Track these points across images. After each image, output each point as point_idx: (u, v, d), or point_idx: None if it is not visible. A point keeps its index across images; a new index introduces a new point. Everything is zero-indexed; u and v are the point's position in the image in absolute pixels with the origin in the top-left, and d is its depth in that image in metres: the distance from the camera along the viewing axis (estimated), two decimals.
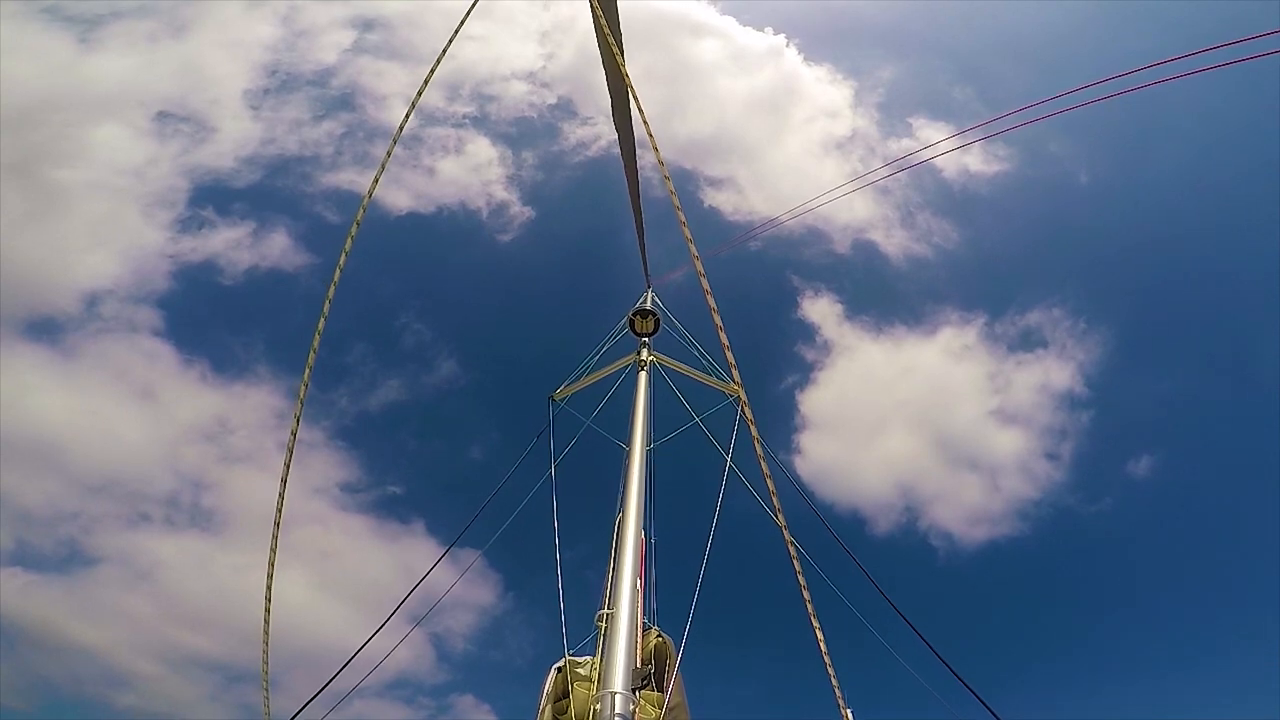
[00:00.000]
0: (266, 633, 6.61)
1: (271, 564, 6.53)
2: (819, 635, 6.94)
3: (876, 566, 6.98)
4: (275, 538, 6.46)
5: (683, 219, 5.13)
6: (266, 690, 6.52)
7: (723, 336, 4.99)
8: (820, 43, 36.00)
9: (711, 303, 4.69)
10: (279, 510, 6.41)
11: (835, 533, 7.26)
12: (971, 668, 5.59)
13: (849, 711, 7.29)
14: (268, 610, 6.62)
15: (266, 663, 6.59)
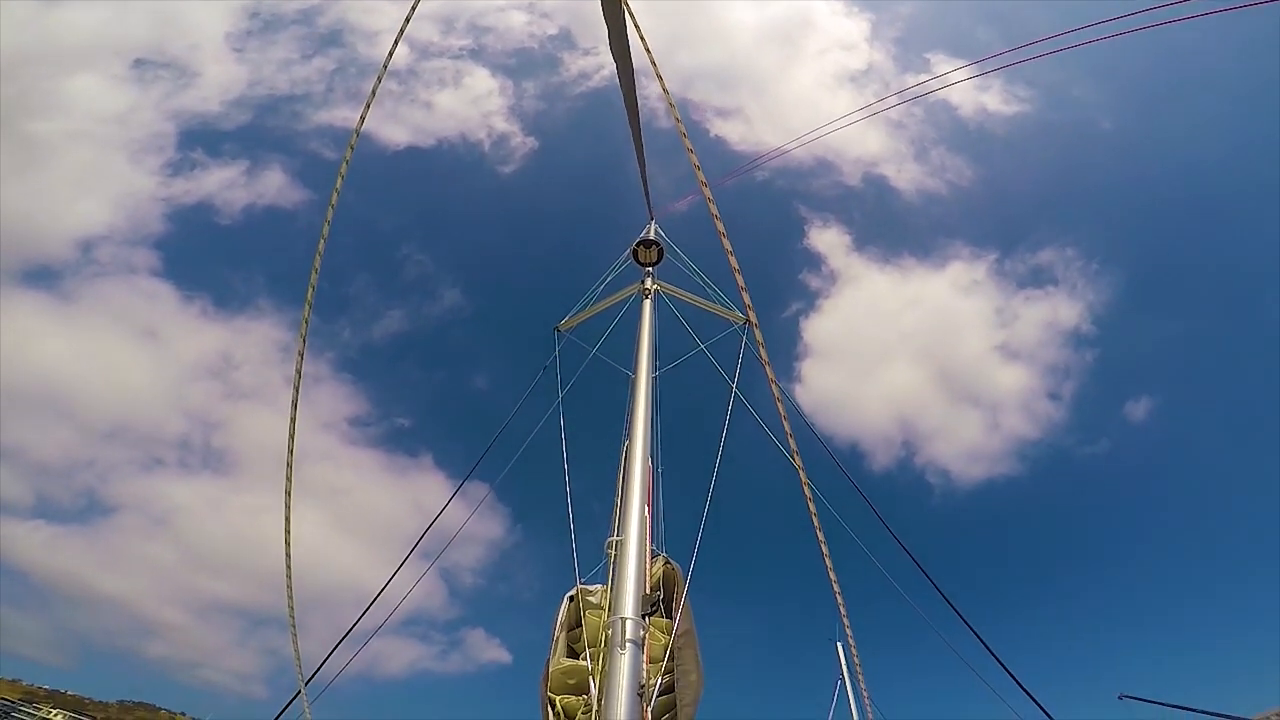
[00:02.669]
0: (290, 599, 6.68)
1: (288, 518, 6.54)
2: (829, 567, 6.99)
3: (873, 500, 7.00)
4: (288, 496, 6.44)
5: (684, 135, 4.89)
6: (296, 646, 6.63)
7: (731, 259, 4.81)
8: None
9: (715, 212, 4.50)
10: (288, 477, 6.37)
11: (851, 477, 7.23)
12: (963, 603, 5.70)
13: (845, 639, 7.43)
14: (289, 574, 6.66)
15: (293, 617, 6.69)
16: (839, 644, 21.54)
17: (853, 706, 18.93)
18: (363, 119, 6.46)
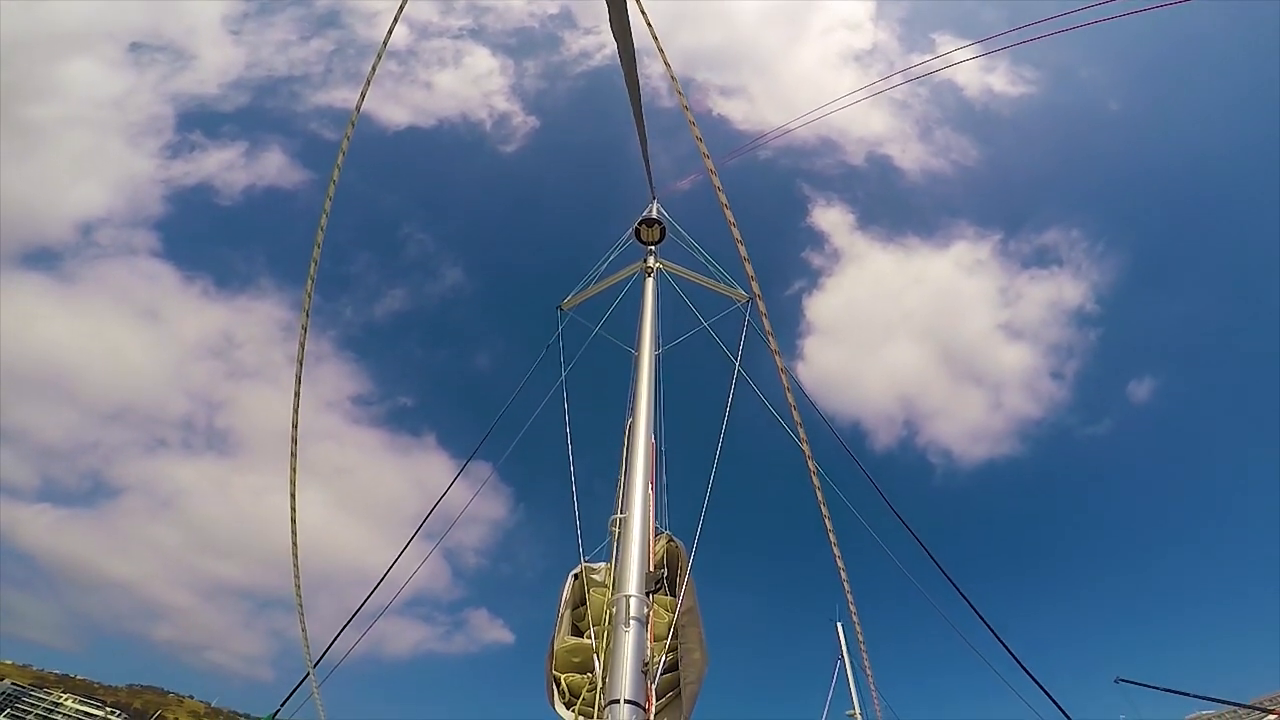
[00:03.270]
0: (297, 580, 6.67)
1: (293, 495, 6.52)
2: (833, 542, 6.98)
3: (876, 479, 6.98)
4: (293, 479, 6.42)
5: (687, 109, 4.82)
6: (304, 627, 6.62)
7: (734, 230, 4.74)
8: None
9: (718, 184, 4.43)
10: (293, 457, 6.34)
11: (855, 456, 7.20)
12: (964, 581, 5.68)
13: (849, 618, 7.40)
14: (295, 555, 6.65)
15: (299, 598, 6.68)
16: (839, 624, 21.78)
17: (852, 686, 19.10)
18: (362, 97, 6.41)
